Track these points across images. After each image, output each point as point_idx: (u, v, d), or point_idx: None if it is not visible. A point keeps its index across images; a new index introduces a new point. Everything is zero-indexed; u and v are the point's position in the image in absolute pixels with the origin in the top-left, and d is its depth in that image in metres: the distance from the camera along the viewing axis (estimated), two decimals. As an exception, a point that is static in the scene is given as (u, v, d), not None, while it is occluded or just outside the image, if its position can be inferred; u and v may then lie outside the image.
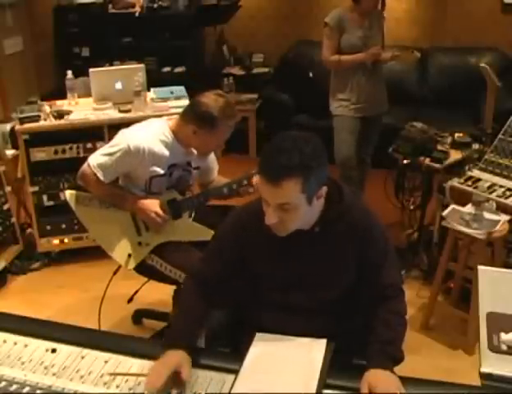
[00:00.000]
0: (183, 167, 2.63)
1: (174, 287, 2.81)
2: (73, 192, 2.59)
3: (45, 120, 3.60)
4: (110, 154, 2.49)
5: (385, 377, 1.53)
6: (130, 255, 2.54)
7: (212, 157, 2.80)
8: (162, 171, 2.54)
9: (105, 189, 2.54)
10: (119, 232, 2.56)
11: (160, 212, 2.52)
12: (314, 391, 1.48)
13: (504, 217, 2.77)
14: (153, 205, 2.52)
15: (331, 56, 3.69)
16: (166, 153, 2.53)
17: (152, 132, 2.53)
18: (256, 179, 2.55)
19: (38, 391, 1.51)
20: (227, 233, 1.87)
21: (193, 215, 2.73)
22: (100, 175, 2.49)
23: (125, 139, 2.50)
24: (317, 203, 1.67)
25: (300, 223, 1.68)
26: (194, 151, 2.62)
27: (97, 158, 2.51)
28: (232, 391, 1.50)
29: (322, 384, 1.51)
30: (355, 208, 1.79)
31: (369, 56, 3.64)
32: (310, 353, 1.63)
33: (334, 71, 3.81)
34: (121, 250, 2.54)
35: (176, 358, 1.58)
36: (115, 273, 2.75)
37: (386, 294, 1.74)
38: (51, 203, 3.61)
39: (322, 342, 1.65)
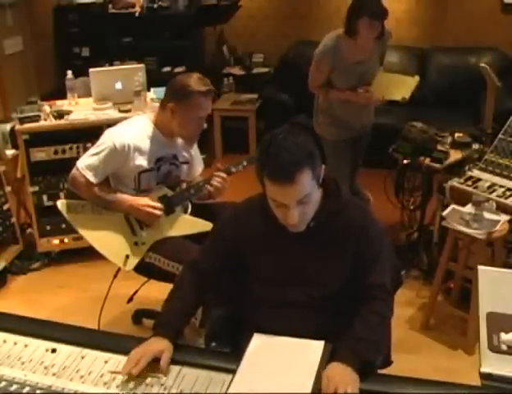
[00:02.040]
0: (170, 161, 2.65)
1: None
2: (64, 201, 2.62)
3: (45, 120, 3.60)
4: (96, 154, 2.54)
5: (343, 371, 1.52)
6: (127, 256, 2.55)
7: (197, 154, 2.85)
8: (149, 166, 2.57)
9: (96, 191, 2.56)
10: (114, 235, 2.58)
11: (153, 203, 2.55)
12: (309, 392, 1.48)
13: (504, 217, 2.77)
14: (144, 200, 2.55)
15: (316, 87, 3.43)
16: (152, 146, 2.57)
17: (135, 128, 2.59)
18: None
19: (38, 391, 1.51)
20: (225, 227, 1.89)
21: (189, 210, 2.75)
22: (89, 176, 2.52)
23: (110, 137, 2.55)
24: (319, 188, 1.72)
25: (314, 210, 1.72)
26: (179, 140, 2.66)
27: (84, 160, 2.56)
28: (229, 391, 1.50)
29: (319, 385, 1.51)
30: (353, 206, 1.82)
31: (361, 99, 3.37)
32: (307, 354, 1.62)
33: (317, 97, 3.57)
34: (119, 253, 2.55)
35: (158, 346, 1.62)
36: (115, 276, 2.75)
37: (373, 295, 1.74)
38: (51, 203, 3.59)
39: (320, 344, 1.65)
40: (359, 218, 1.79)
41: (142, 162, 2.55)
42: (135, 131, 2.57)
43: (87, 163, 2.53)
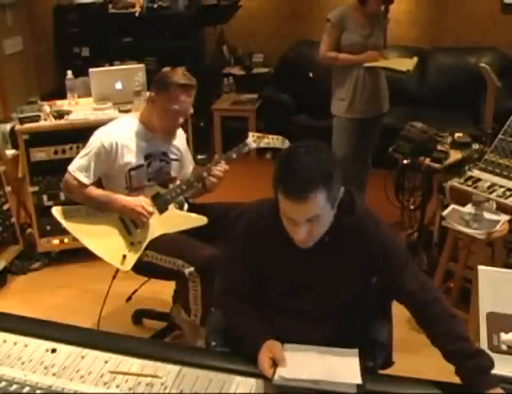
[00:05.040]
0: (160, 158, 2.68)
1: (174, 287, 2.82)
2: (59, 207, 2.63)
3: (45, 120, 3.60)
4: (86, 155, 2.57)
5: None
6: (125, 256, 2.55)
7: (187, 153, 2.88)
8: (138, 162, 2.61)
9: (89, 192, 2.58)
10: (110, 237, 2.58)
11: (145, 205, 2.56)
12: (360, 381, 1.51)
13: (504, 217, 2.77)
14: (137, 200, 2.57)
15: (327, 51, 3.70)
16: (139, 142, 2.61)
17: (122, 126, 2.63)
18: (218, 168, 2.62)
19: (38, 391, 1.51)
20: (241, 242, 1.85)
21: (185, 207, 2.75)
22: (81, 177, 2.55)
23: (97, 137, 2.59)
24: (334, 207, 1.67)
25: (325, 229, 1.68)
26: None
27: (74, 163, 2.59)
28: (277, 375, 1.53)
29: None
30: (368, 220, 1.77)
31: (367, 56, 3.64)
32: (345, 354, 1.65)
33: (334, 71, 3.81)
34: (116, 254, 2.56)
35: (273, 342, 1.65)
36: (114, 277, 2.76)
37: (424, 298, 1.70)
38: (51, 203, 3.59)
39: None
40: (374, 231, 1.74)
41: (131, 159, 2.59)
42: (122, 129, 2.62)
43: (77, 165, 2.57)
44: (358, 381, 1.51)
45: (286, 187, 1.57)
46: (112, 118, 3.54)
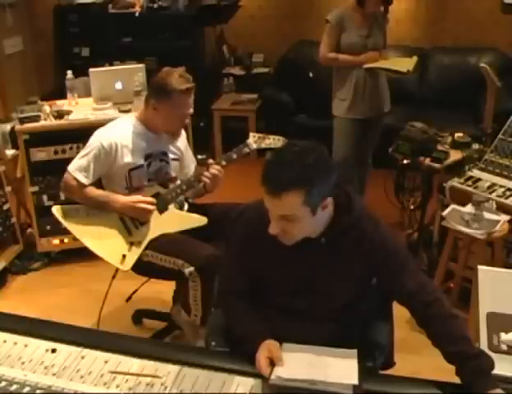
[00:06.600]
0: (159, 158, 2.69)
1: (174, 287, 2.82)
2: (59, 207, 2.62)
3: (45, 120, 3.60)
4: (86, 155, 2.58)
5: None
6: (124, 256, 2.55)
7: (188, 152, 2.88)
8: (138, 163, 2.61)
9: (88, 192, 2.58)
10: (110, 237, 2.58)
11: (144, 198, 2.57)
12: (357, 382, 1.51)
13: (504, 217, 2.77)
14: (135, 198, 2.58)
15: (327, 53, 3.72)
16: (139, 143, 2.62)
17: (121, 127, 2.64)
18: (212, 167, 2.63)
19: (38, 391, 1.51)
20: (241, 244, 1.86)
21: (185, 207, 2.75)
22: (80, 178, 2.56)
23: (97, 138, 2.60)
24: (324, 212, 1.65)
25: (306, 233, 1.68)
26: (167, 137, 2.69)
27: (74, 163, 2.60)
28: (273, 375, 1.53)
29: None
30: (366, 221, 1.76)
31: (367, 57, 3.66)
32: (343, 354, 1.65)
33: (335, 71, 3.82)
34: (116, 253, 2.56)
35: (271, 341, 1.66)
36: (114, 277, 2.76)
37: (424, 299, 1.69)
38: (51, 203, 3.58)
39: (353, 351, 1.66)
40: (372, 231, 1.74)
41: (131, 159, 2.59)
42: (122, 129, 2.62)
43: (77, 165, 2.57)
44: (355, 381, 1.51)
45: (265, 179, 1.58)
46: (112, 118, 3.54)
